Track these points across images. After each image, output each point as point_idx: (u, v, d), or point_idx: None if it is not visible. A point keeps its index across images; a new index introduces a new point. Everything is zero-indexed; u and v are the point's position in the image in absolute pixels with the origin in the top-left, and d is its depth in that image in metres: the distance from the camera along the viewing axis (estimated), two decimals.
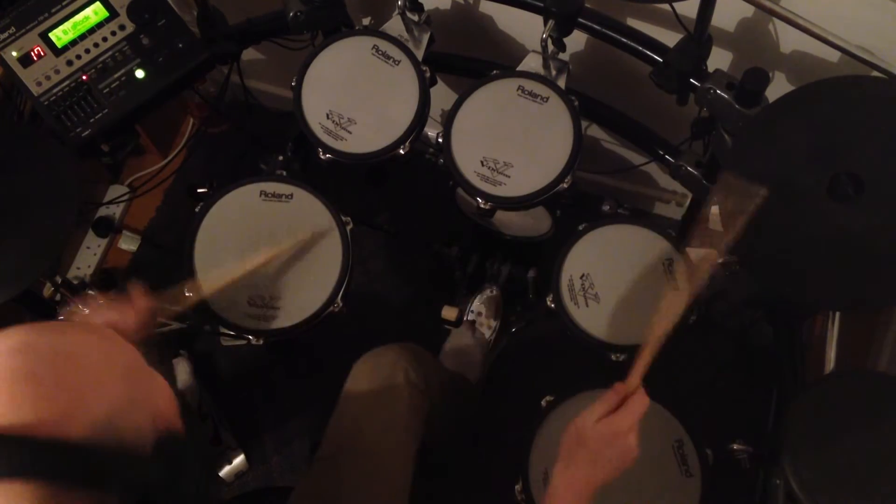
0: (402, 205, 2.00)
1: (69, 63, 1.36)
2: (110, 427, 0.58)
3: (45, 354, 0.59)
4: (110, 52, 1.37)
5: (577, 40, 1.47)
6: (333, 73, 1.37)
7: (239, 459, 1.74)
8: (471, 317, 1.80)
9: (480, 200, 1.29)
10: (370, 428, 1.19)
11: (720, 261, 1.28)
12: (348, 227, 1.33)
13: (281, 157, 1.60)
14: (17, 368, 0.58)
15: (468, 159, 1.31)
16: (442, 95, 1.63)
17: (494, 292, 1.81)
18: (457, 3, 1.56)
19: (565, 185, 1.27)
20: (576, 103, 1.30)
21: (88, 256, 1.97)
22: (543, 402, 1.25)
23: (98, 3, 1.38)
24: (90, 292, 1.61)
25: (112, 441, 0.58)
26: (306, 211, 1.34)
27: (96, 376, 0.60)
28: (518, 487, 1.19)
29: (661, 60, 1.26)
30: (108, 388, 0.60)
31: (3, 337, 0.61)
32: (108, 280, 1.96)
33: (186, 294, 1.20)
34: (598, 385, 1.23)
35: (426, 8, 1.42)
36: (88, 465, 0.56)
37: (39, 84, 1.35)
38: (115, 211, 2.01)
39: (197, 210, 1.33)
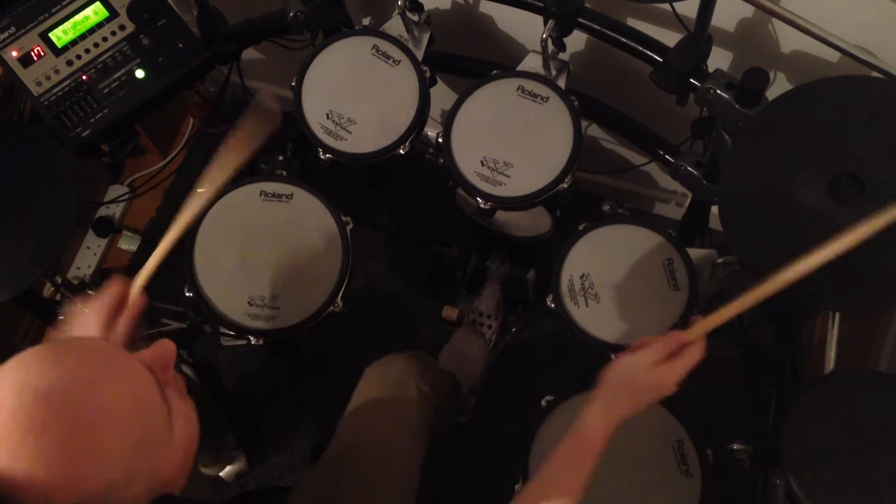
0: (402, 205, 2.00)
1: (69, 63, 1.36)
2: (101, 501, 0.56)
3: (68, 412, 0.56)
4: (110, 52, 1.37)
5: (577, 40, 1.47)
6: (333, 73, 1.37)
7: (239, 459, 1.74)
8: (471, 317, 1.80)
9: (480, 200, 1.29)
10: (380, 434, 1.19)
11: (720, 261, 1.28)
12: (348, 227, 1.33)
13: (281, 157, 1.60)
14: (36, 418, 0.55)
15: (468, 159, 1.30)
16: (442, 95, 1.63)
17: (495, 292, 1.81)
18: (457, 3, 1.56)
19: (565, 185, 1.27)
20: (576, 103, 1.30)
21: (88, 256, 1.97)
22: (543, 402, 1.25)
23: (98, 3, 1.37)
24: (90, 292, 1.61)
25: None
26: (306, 211, 1.34)
27: (107, 450, 0.57)
28: (518, 487, 1.19)
29: (661, 60, 1.26)
30: (114, 464, 0.57)
31: (36, 372, 0.57)
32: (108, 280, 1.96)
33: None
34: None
35: (426, 8, 1.42)
36: None
37: (39, 84, 1.35)
38: (115, 211, 2.01)
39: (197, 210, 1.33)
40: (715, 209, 1.52)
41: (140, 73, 1.37)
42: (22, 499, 0.52)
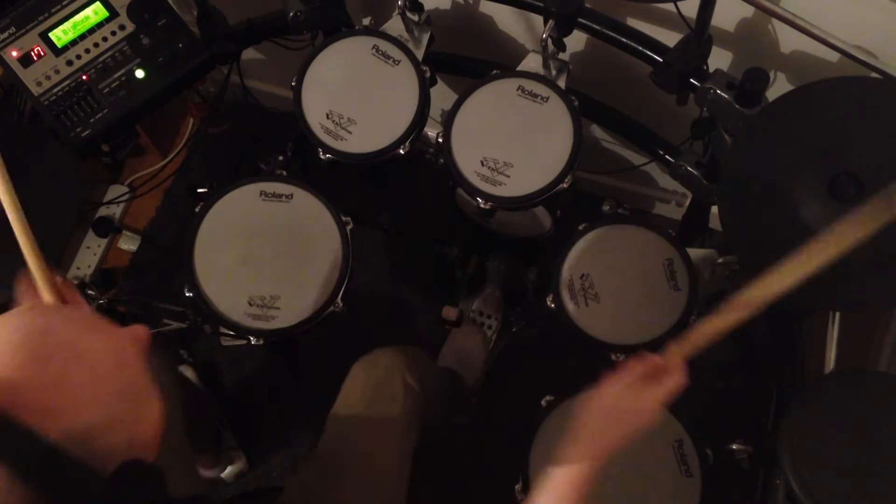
0: (403, 205, 2.00)
1: (69, 63, 1.36)
2: (84, 439, 0.58)
3: (62, 347, 0.61)
4: (110, 52, 1.37)
5: (577, 40, 1.47)
6: (333, 73, 1.37)
7: (239, 459, 1.74)
8: (471, 317, 1.80)
9: (480, 200, 1.29)
10: (364, 430, 1.19)
11: (720, 261, 1.28)
12: (348, 227, 1.33)
13: (281, 157, 1.60)
14: (34, 350, 0.60)
15: (468, 159, 1.31)
16: (442, 95, 1.63)
17: (495, 292, 1.81)
18: (457, 3, 1.56)
19: (565, 185, 1.27)
20: (576, 103, 1.30)
21: (88, 256, 1.97)
22: (543, 402, 1.25)
23: (98, 3, 1.37)
24: (90, 292, 1.61)
25: (79, 452, 0.58)
26: (306, 211, 1.34)
27: (96, 387, 0.61)
28: (518, 487, 1.20)
29: (661, 60, 1.26)
30: (101, 403, 0.61)
31: (38, 312, 0.64)
32: (108, 280, 1.96)
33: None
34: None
35: (426, 8, 1.42)
36: (45, 466, 0.56)
37: (39, 84, 1.35)
38: (115, 211, 2.01)
39: (197, 210, 1.33)
40: (715, 209, 1.52)
41: (140, 73, 1.37)
42: (15, 424, 0.56)
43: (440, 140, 1.32)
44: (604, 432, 0.85)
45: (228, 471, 1.73)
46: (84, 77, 1.36)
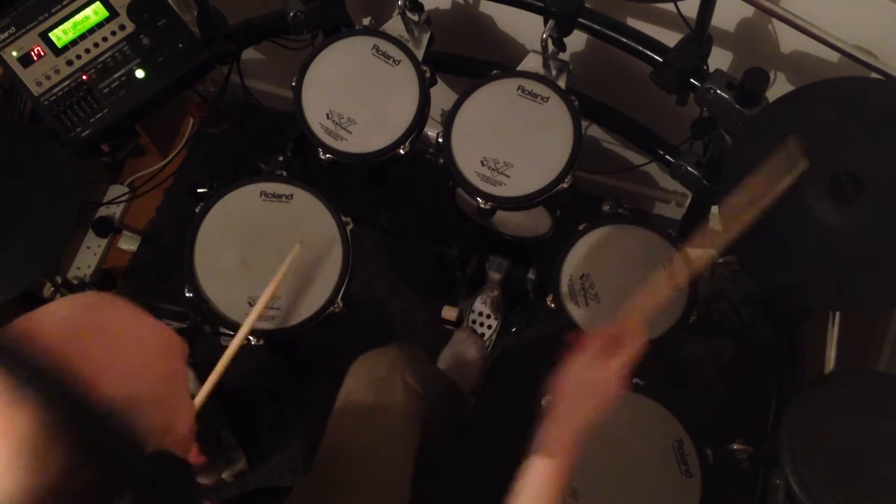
0: (403, 205, 1.99)
1: (69, 63, 1.36)
2: (128, 411, 0.60)
3: (112, 322, 0.64)
4: (110, 52, 1.37)
5: (577, 40, 1.47)
6: (333, 73, 1.37)
7: (239, 459, 1.74)
8: (471, 317, 1.80)
9: (480, 200, 1.29)
10: (366, 431, 1.19)
11: (720, 260, 1.28)
12: (348, 227, 1.33)
13: (281, 157, 1.60)
14: (90, 319, 0.63)
15: (468, 159, 1.30)
16: (442, 95, 1.63)
17: (495, 292, 1.81)
18: (457, 3, 1.56)
19: (565, 185, 1.27)
20: (576, 103, 1.30)
21: (88, 256, 1.97)
22: (543, 402, 1.25)
23: (98, 3, 1.37)
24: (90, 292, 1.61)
25: (121, 426, 0.59)
26: (306, 211, 1.34)
27: (144, 362, 0.63)
28: None
29: (661, 60, 1.26)
30: (147, 379, 0.63)
31: (86, 295, 0.68)
32: (108, 280, 1.96)
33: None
34: None
35: (426, 8, 1.42)
36: (92, 431, 0.58)
37: (39, 84, 1.35)
38: (115, 211, 2.01)
39: (197, 210, 1.33)
40: (715, 209, 1.52)
41: (140, 73, 1.37)
42: (68, 383, 0.57)
43: (440, 140, 1.32)
44: (577, 408, 0.88)
45: (228, 471, 1.73)
46: (84, 77, 1.36)
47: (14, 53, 1.34)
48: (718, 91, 1.17)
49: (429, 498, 1.20)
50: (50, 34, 1.35)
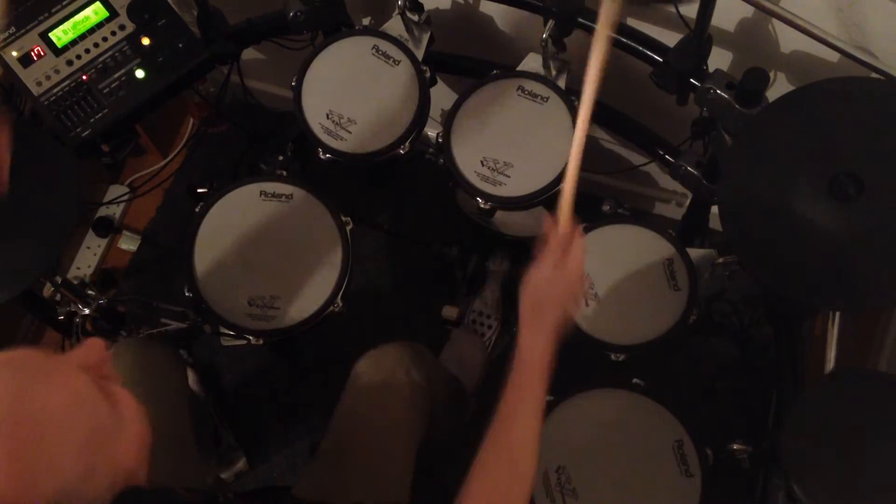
0: (403, 205, 1.99)
1: (69, 63, 1.36)
2: (65, 500, 0.57)
3: (7, 427, 0.56)
4: (110, 52, 1.37)
5: (577, 40, 1.46)
6: (333, 72, 1.37)
7: (239, 459, 1.74)
8: (471, 317, 1.80)
9: (481, 200, 1.29)
10: (372, 425, 1.19)
11: (720, 260, 1.28)
12: (348, 227, 1.33)
13: (281, 157, 1.60)
14: None
15: (468, 159, 1.31)
16: (442, 95, 1.63)
17: (495, 292, 1.81)
18: (457, 3, 1.56)
19: None
20: (576, 103, 1.30)
21: (88, 256, 1.97)
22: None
23: (98, 3, 1.38)
24: (90, 292, 1.61)
25: None
26: (306, 211, 1.34)
27: (55, 454, 0.58)
28: None
29: (661, 60, 1.26)
30: (66, 466, 0.58)
31: None
32: (108, 280, 1.96)
33: None
34: (597, 385, 1.23)
35: (426, 8, 1.42)
36: None
37: (39, 84, 1.35)
38: (115, 211, 2.01)
39: (197, 210, 1.33)
40: (715, 209, 1.52)
41: (140, 73, 1.37)
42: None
43: (440, 140, 1.32)
44: (548, 301, 0.95)
45: (228, 471, 1.73)
46: (84, 77, 1.36)
47: (14, 53, 1.34)
48: (718, 91, 1.17)
49: (429, 498, 1.19)
50: (50, 34, 1.36)
